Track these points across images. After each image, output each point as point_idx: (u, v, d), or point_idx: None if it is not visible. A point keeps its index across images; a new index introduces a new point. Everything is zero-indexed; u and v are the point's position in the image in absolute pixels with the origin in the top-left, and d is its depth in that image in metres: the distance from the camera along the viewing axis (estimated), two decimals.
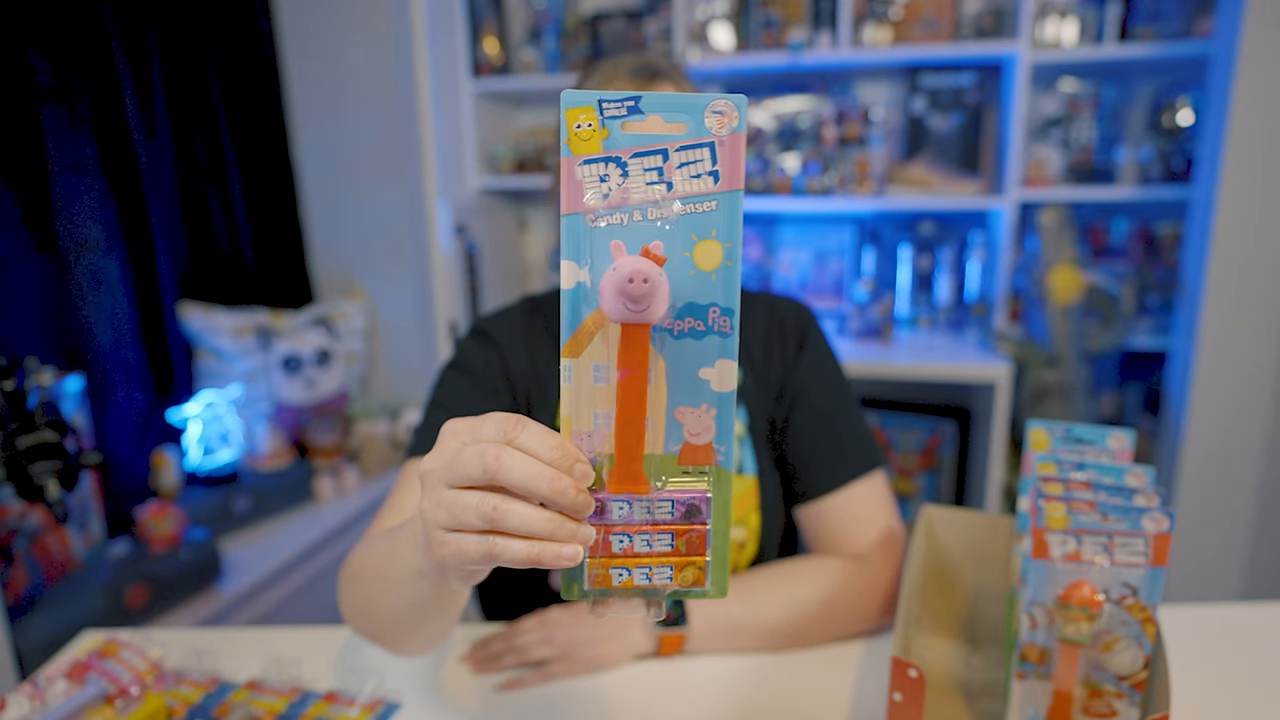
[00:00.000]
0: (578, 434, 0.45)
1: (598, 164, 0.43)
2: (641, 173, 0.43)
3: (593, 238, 0.43)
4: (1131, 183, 2.16)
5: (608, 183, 0.43)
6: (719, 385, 0.45)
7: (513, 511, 0.44)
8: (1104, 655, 0.66)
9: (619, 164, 0.43)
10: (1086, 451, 0.77)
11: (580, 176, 0.43)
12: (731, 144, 0.42)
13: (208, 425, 1.93)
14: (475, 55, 2.43)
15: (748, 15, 2.29)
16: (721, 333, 0.44)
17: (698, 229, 0.43)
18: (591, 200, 0.43)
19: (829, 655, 0.88)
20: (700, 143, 0.42)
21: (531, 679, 0.84)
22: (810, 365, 0.99)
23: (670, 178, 0.43)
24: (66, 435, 0.97)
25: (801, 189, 2.31)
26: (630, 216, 0.43)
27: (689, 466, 0.45)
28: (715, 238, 0.43)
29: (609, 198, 0.43)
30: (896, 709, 0.61)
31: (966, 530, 0.90)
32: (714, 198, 0.43)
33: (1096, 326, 2.11)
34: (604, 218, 0.43)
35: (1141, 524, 0.63)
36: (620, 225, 0.43)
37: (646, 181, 0.43)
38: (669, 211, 0.43)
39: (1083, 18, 2.10)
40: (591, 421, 0.45)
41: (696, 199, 0.43)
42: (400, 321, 2.34)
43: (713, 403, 0.45)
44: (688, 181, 0.43)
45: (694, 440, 0.45)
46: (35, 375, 0.94)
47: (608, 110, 0.42)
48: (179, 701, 0.83)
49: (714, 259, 0.43)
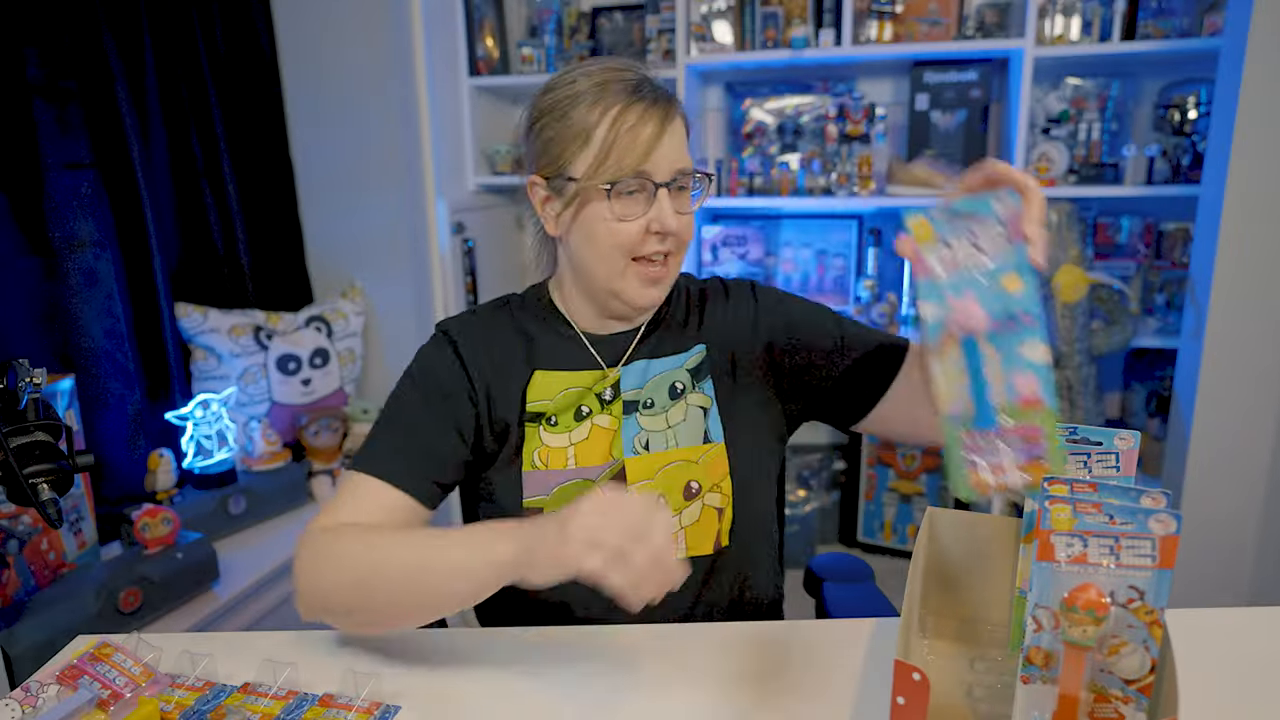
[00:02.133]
0: (949, 403, 0.70)
1: (934, 246, 0.70)
2: (961, 246, 0.70)
3: (940, 289, 0.70)
4: (1138, 180, 2.15)
5: (942, 255, 0.70)
6: (1032, 357, 0.68)
7: (636, 556, 0.68)
8: (1110, 659, 0.65)
9: (946, 244, 0.70)
10: (1092, 453, 0.76)
11: (925, 256, 0.70)
12: (1013, 217, 0.69)
13: (203, 426, 1.92)
14: (473, 52, 2.42)
15: (749, 11, 2.28)
16: (1029, 327, 0.68)
17: (1003, 269, 0.69)
18: (935, 269, 0.70)
19: (830, 657, 0.88)
20: (993, 220, 0.69)
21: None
22: (774, 306, 1.05)
23: (980, 243, 0.70)
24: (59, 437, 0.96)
25: (803, 187, 2.30)
26: (960, 273, 0.70)
27: (1026, 409, 0.68)
28: (1014, 273, 0.68)
29: (943, 262, 0.70)
30: (899, 712, 0.60)
31: (970, 532, 0.89)
32: (1009, 248, 0.69)
33: (1102, 326, 2.09)
34: (944, 275, 0.70)
35: (1148, 526, 0.62)
36: (956, 278, 0.70)
37: (966, 249, 0.70)
38: (982, 264, 0.69)
39: (1088, 13, 2.08)
40: (961, 391, 0.70)
41: (999, 253, 0.69)
42: (398, 321, 2.33)
43: (1033, 370, 0.68)
44: (992, 242, 0.69)
45: (1026, 394, 0.68)
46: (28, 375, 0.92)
47: (935, 216, 0.71)
48: (173, 706, 0.82)
49: (1016, 285, 0.68)
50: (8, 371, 0.93)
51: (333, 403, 2.20)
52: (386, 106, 2.19)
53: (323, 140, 2.28)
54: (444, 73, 2.30)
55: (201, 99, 2.05)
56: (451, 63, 2.35)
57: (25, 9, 1.61)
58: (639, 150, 0.88)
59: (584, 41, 2.47)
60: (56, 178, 1.68)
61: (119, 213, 1.82)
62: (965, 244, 0.70)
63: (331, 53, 2.22)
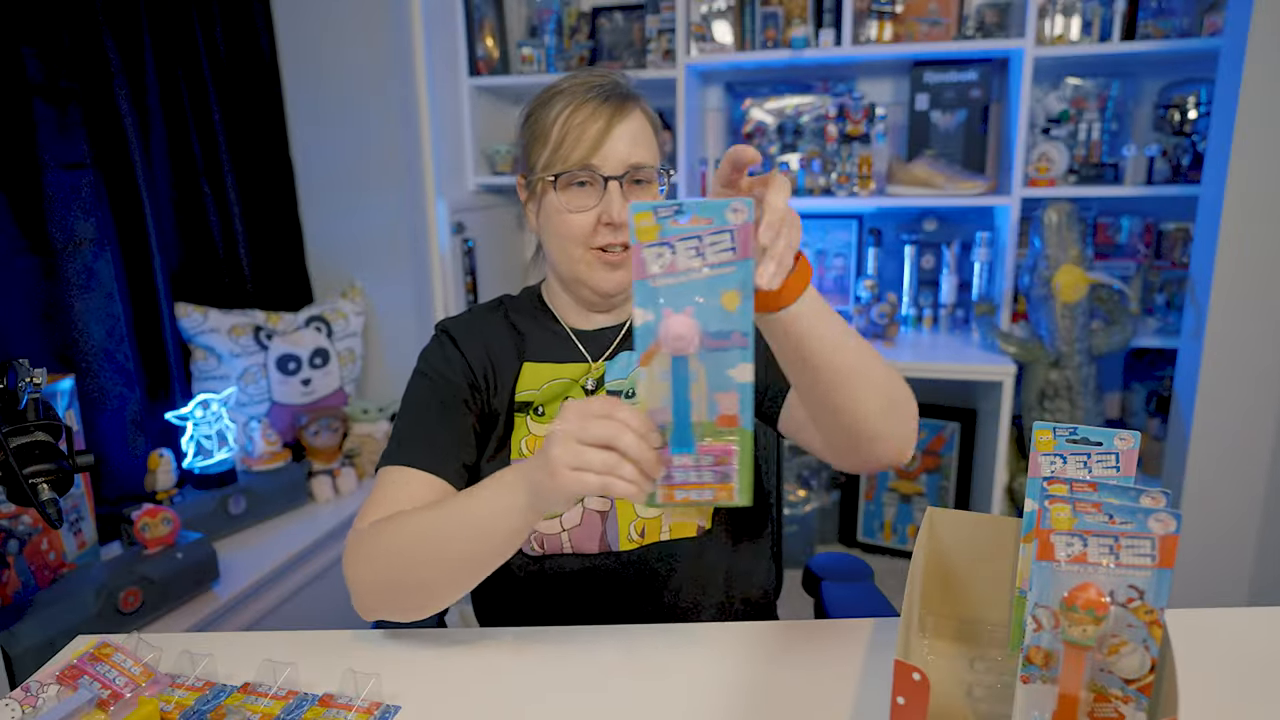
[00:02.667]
0: (651, 410, 0.69)
1: (656, 247, 0.65)
2: (685, 251, 0.65)
3: (656, 294, 0.66)
4: (1138, 180, 2.15)
5: (662, 258, 0.65)
6: (739, 378, 0.67)
7: (624, 468, 0.69)
8: (1110, 658, 0.65)
9: (670, 246, 0.65)
10: (1092, 453, 0.76)
11: (644, 255, 0.65)
12: (743, 230, 0.64)
13: (203, 426, 1.92)
14: (473, 52, 2.42)
15: (749, 11, 2.27)
16: (740, 347, 0.66)
17: (724, 284, 0.65)
18: (653, 270, 0.65)
19: (830, 657, 0.88)
20: (722, 230, 0.64)
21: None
22: None
23: (704, 252, 0.65)
24: (59, 437, 0.96)
25: (803, 187, 2.30)
26: (679, 280, 0.65)
27: (723, 429, 0.68)
28: (735, 289, 0.65)
29: (665, 267, 0.65)
30: (899, 712, 0.60)
31: (970, 532, 0.89)
32: (733, 264, 0.65)
33: (1102, 326, 2.09)
34: (661, 280, 0.65)
35: (1148, 526, 0.62)
36: (670, 286, 0.65)
37: (688, 256, 0.65)
38: (702, 274, 0.65)
39: (1088, 13, 2.08)
40: (660, 402, 0.68)
41: (721, 265, 0.65)
42: (398, 321, 2.33)
43: (738, 390, 0.67)
44: (716, 254, 0.65)
45: (725, 412, 0.68)
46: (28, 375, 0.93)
47: (661, 213, 0.64)
48: (173, 706, 0.82)
49: (735, 303, 0.65)
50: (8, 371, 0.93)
51: (333, 403, 2.20)
52: (386, 106, 2.19)
53: (323, 140, 2.28)
54: (444, 73, 2.30)
55: (201, 99, 2.05)
56: (451, 63, 2.35)
57: (25, 8, 1.61)
58: (585, 144, 0.94)
59: (584, 41, 2.47)
60: (56, 177, 1.68)
61: (119, 212, 1.82)
62: (688, 250, 0.64)
63: (331, 52, 2.22)
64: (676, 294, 0.66)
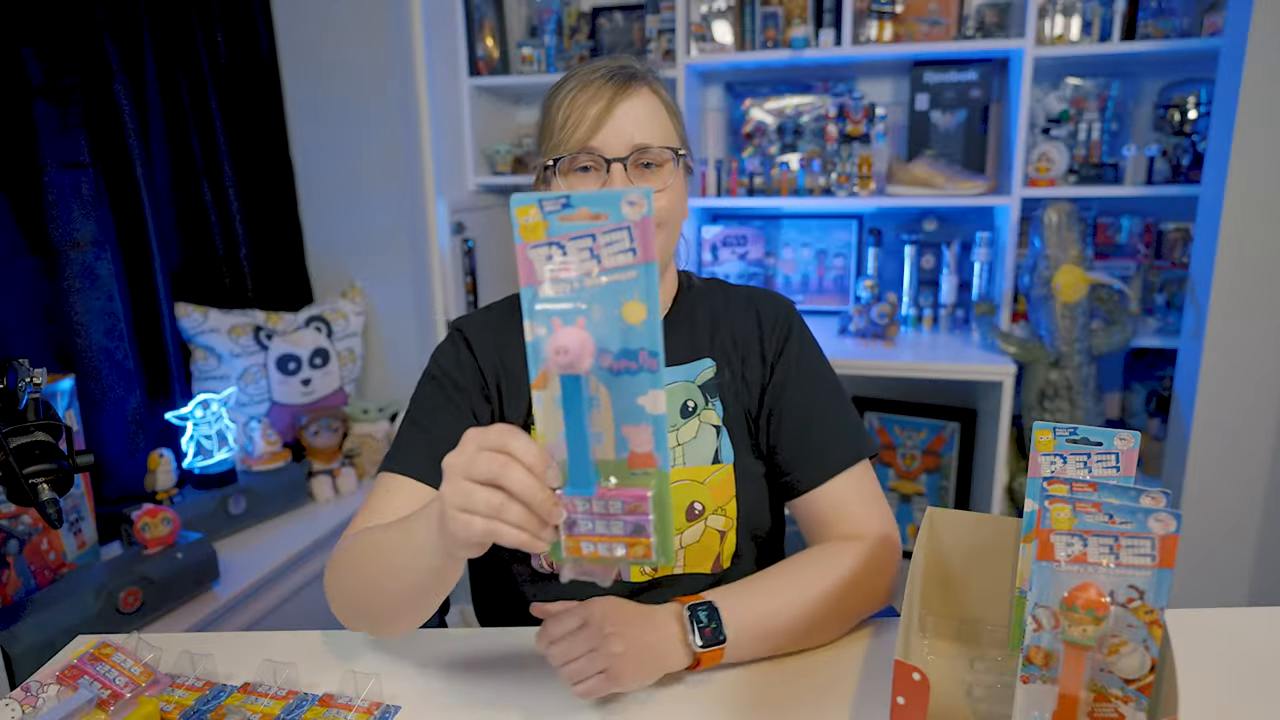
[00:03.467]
0: (549, 444, 0.59)
1: (544, 247, 0.55)
2: (578, 252, 0.54)
3: (545, 304, 0.56)
4: (1138, 180, 2.15)
5: (552, 261, 0.55)
6: (652, 409, 0.56)
7: (512, 510, 0.59)
8: (1110, 658, 0.65)
9: (560, 246, 0.54)
10: (1092, 453, 0.76)
11: (531, 257, 0.55)
12: (643, 226, 0.53)
13: (203, 426, 1.92)
14: (473, 52, 2.42)
15: (749, 11, 2.27)
16: (649, 370, 0.55)
17: (624, 293, 0.54)
18: (543, 275, 0.55)
19: (830, 657, 0.88)
20: (619, 227, 0.53)
21: (580, 691, 0.78)
22: (794, 359, 0.99)
23: (600, 254, 0.54)
24: (59, 437, 0.96)
25: (803, 187, 2.30)
26: (570, 286, 0.55)
27: (636, 469, 0.58)
28: (638, 299, 0.54)
29: (554, 273, 0.55)
30: (899, 712, 0.60)
31: (970, 532, 0.89)
32: (634, 268, 0.54)
33: (1102, 326, 2.09)
34: (551, 288, 0.55)
35: (1148, 526, 0.62)
36: (566, 293, 0.55)
37: (581, 259, 0.54)
38: (599, 281, 0.54)
39: (1088, 14, 2.08)
40: (557, 435, 0.58)
41: (620, 270, 0.54)
42: (398, 321, 2.33)
43: (649, 421, 0.57)
44: (613, 257, 0.54)
45: (638, 450, 0.58)
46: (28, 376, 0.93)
47: (547, 207, 0.54)
48: (173, 706, 0.82)
49: (639, 315, 0.54)
50: (8, 371, 0.93)
51: (333, 403, 2.20)
52: (386, 106, 2.19)
53: (323, 140, 2.28)
54: (444, 73, 2.30)
55: (201, 98, 2.05)
56: (451, 63, 2.35)
57: (25, 8, 1.61)
58: (585, 126, 0.88)
59: (584, 41, 2.47)
60: (56, 177, 1.68)
61: (119, 212, 1.82)
62: (581, 251, 0.54)
63: (331, 52, 2.22)
64: (570, 304, 0.56)
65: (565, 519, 0.59)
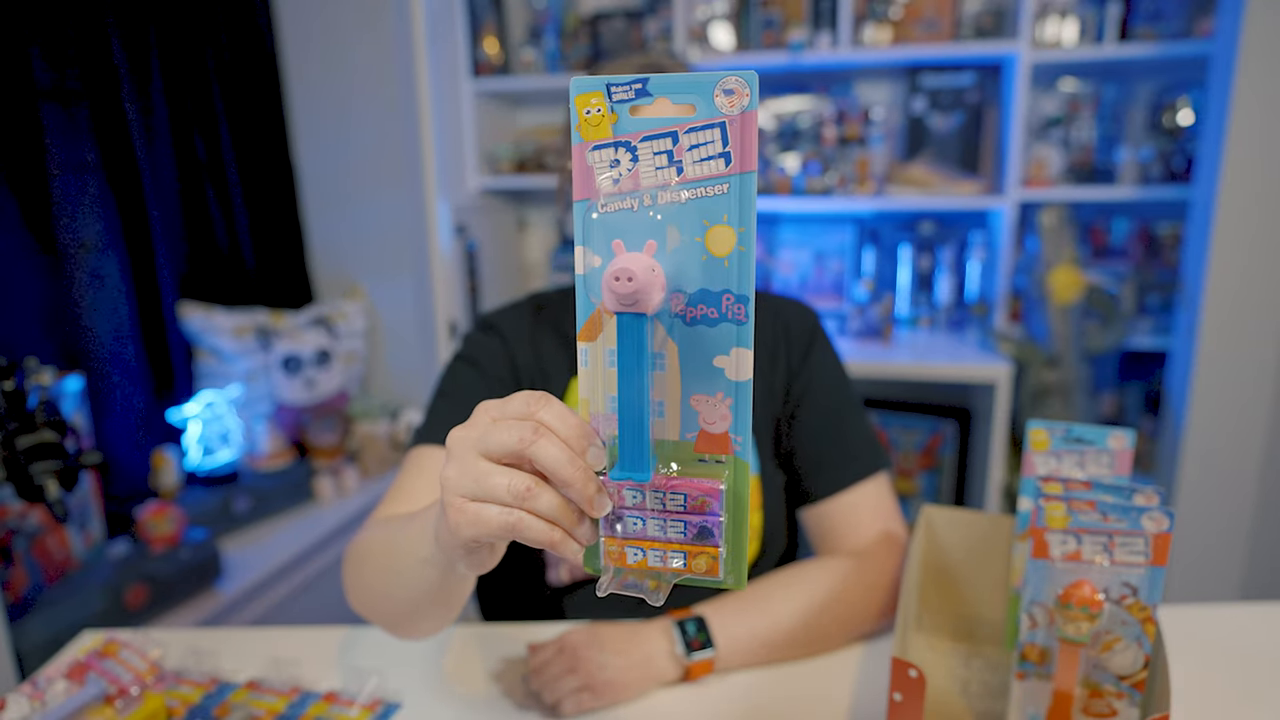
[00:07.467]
0: (594, 415, 0.45)
1: (608, 149, 0.42)
2: (651, 156, 0.41)
3: (605, 224, 0.42)
4: (1132, 183, 2.16)
5: (618, 168, 0.42)
6: (735, 374, 0.43)
7: (543, 496, 0.44)
8: (1104, 655, 0.66)
9: (629, 148, 0.41)
10: (1086, 452, 0.77)
11: (591, 162, 0.42)
12: (743, 123, 0.40)
13: (207, 425, 1.93)
14: (475, 55, 2.43)
15: (748, 15, 2.29)
16: (736, 320, 0.42)
17: (709, 214, 0.41)
18: (604, 185, 0.42)
19: (830, 656, 0.88)
20: (710, 123, 0.40)
21: (567, 709, 0.79)
22: (816, 368, 0.99)
23: (681, 160, 0.41)
24: (66, 435, 0.97)
25: (801, 189, 2.31)
26: (640, 201, 0.42)
27: (705, 455, 0.44)
28: (727, 222, 0.41)
29: (619, 183, 0.42)
30: (896, 709, 0.61)
31: (967, 530, 0.90)
32: (726, 180, 0.41)
33: (1097, 326, 2.11)
34: (614, 203, 0.42)
35: (1141, 523, 0.63)
36: (631, 210, 0.42)
37: (656, 166, 0.41)
38: (678, 197, 0.41)
39: (1083, 17, 2.10)
40: (606, 404, 0.45)
41: (707, 183, 0.41)
42: (400, 321, 2.33)
43: (728, 391, 0.43)
44: (698, 165, 0.41)
45: (710, 429, 0.44)
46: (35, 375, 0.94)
47: (616, 94, 0.41)
48: (179, 701, 0.83)
49: (727, 244, 0.41)
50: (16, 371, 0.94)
51: (336, 403, 2.21)
52: (389, 108, 2.20)
53: (325, 142, 2.29)
54: (446, 75, 2.31)
55: (206, 101, 2.06)
56: (453, 65, 2.36)
57: (31, 11, 1.61)
58: None
59: (584, 45, 2.48)
60: (63, 180, 1.68)
61: (124, 214, 1.83)
62: (659, 155, 0.41)
63: (334, 55, 2.23)
64: (636, 225, 0.42)
65: (609, 513, 0.45)
